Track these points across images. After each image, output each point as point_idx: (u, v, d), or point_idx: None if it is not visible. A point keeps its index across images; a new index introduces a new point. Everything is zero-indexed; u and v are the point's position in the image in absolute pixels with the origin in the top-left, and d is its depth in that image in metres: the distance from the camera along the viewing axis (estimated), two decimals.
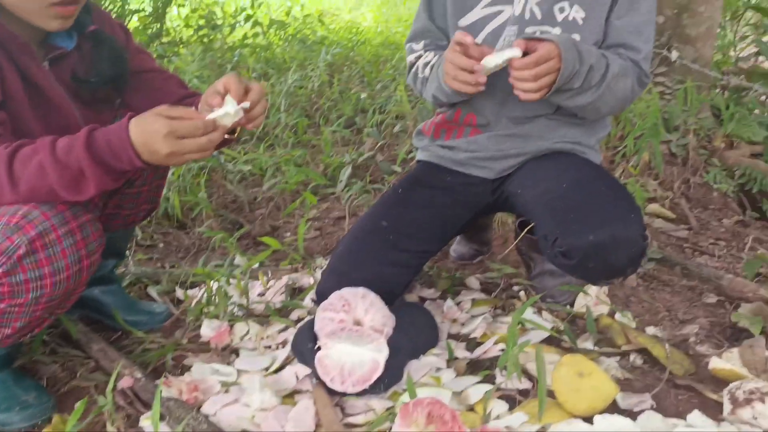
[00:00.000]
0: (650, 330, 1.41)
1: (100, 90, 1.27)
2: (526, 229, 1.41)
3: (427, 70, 1.38)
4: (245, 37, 5.09)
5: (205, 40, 4.95)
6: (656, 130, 2.22)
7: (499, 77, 1.27)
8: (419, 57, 1.43)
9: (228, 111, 1.06)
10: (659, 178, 2.34)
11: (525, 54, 1.16)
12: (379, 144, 2.79)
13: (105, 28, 1.30)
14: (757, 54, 3.17)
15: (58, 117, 1.19)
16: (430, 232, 1.41)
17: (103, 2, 4.69)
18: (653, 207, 2.16)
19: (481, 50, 1.19)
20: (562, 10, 1.32)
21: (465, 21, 1.37)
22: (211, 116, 1.05)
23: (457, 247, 1.86)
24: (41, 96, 1.15)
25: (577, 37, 1.30)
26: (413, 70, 1.44)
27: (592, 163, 1.40)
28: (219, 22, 5.05)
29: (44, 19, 1.09)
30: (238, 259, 1.82)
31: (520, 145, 1.41)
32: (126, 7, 4.75)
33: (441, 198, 1.44)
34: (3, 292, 1.02)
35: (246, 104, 1.09)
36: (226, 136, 1.15)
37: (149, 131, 0.99)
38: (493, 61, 1.16)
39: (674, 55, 2.56)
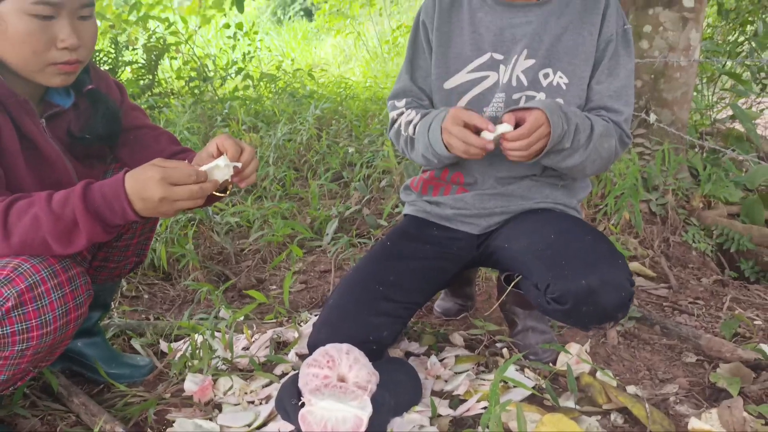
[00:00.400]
0: (631, 389, 1.43)
1: (94, 147, 1.30)
2: (513, 282, 1.44)
3: (411, 128, 1.43)
4: (236, 89, 5.19)
5: (196, 91, 5.05)
6: (636, 190, 2.29)
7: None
8: (401, 114, 1.48)
9: (218, 164, 1.10)
10: (639, 237, 2.39)
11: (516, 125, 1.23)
12: (365, 198, 2.83)
13: (102, 86, 1.34)
14: (733, 117, 3.30)
15: (51, 172, 1.21)
16: (417, 284, 1.44)
17: (96, 54, 4.77)
18: (634, 265, 2.20)
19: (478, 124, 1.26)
20: (546, 76, 1.38)
21: (449, 84, 1.43)
22: (203, 168, 1.08)
23: (441, 302, 1.88)
24: (37, 152, 1.18)
25: (561, 101, 1.36)
26: (395, 126, 1.49)
27: (573, 217, 1.46)
28: (210, 75, 5.15)
29: (47, 76, 1.13)
30: (223, 312, 1.82)
31: (505, 204, 1.46)
32: (119, 58, 4.84)
33: (428, 251, 1.47)
34: None
35: (238, 164, 1.13)
36: (217, 193, 1.19)
37: (143, 178, 1.02)
38: (490, 136, 1.23)
39: (652, 117, 2.66)
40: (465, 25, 1.43)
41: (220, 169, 1.11)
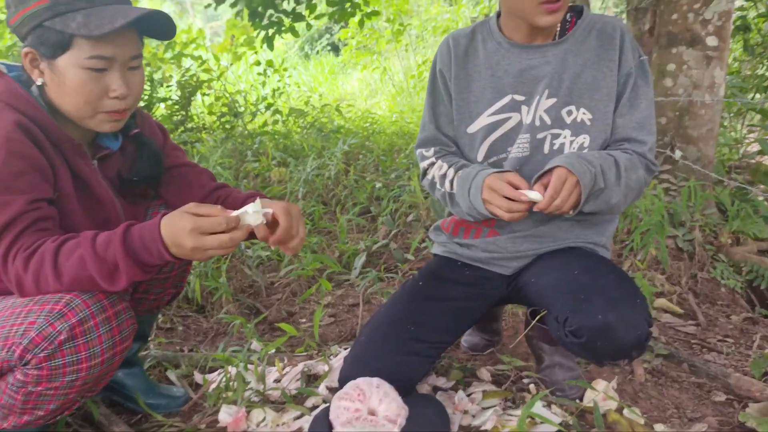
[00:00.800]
0: (658, 427, 1.43)
1: (139, 186, 1.39)
2: (538, 317, 1.46)
3: (447, 184, 1.47)
4: (265, 123, 5.32)
5: (227, 126, 5.19)
6: (662, 226, 2.30)
7: (521, 174, 1.38)
8: (432, 164, 1.52)
9: (247, 210, 1.13)
10: (666, 273, 2.39)
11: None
12: (392, 232, 2.88)
13: (146, 130, 1.43)
14: (761, 151, 3.29)
15: (101, 210, 1.29)
16: (448, 324, 1.47)
17: None
18: (661, 302, 2.20)
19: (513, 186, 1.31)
20: (569, 113, 1.41)
21: (472, 128, 1.46)
22: (234, 213, 1.13)
23: (468, 337, 1.91)
24: (88, 191, 1.26)
25: (586, 137, 1.40)
26: (429, 178, 1.53)
27: (600, 256, 1.48)
28: (241, 110, 5.30)
29: (98, 123, 1.22)
30: (255, 345, 1.87)
31: (536, 247, 1.48)
32: (154, 95, 5.02)
33: (459, 291, 1.50)
34: (41, 376, 1.08)
35: (269, 210, 1.16)
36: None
37: (177, 227, 1.07)
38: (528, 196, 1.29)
39: (677, 154, 2.68)
40: (482, 69, 1.46)
41: (249, 215, 1.13)
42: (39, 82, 1.19)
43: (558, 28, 1.43)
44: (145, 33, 1.25)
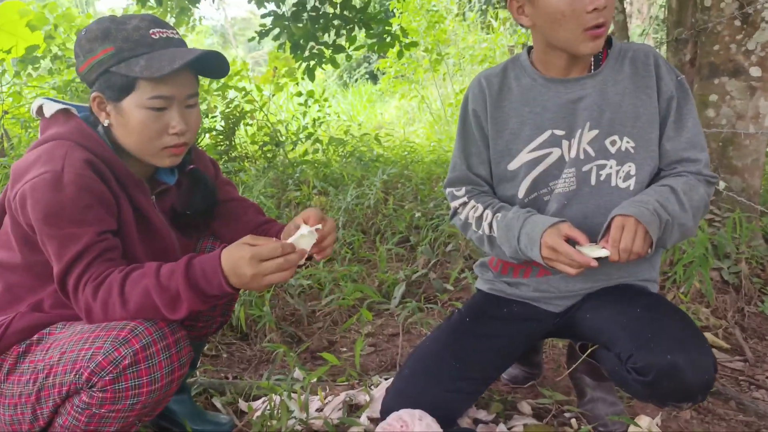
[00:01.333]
0: None
1: (194, 219, 1.46)
2: (589, 350, 1.45)
3: (486, 227, 1.45)
4: (305, 152, 5.43)
5: (269, 155, 5.32)
6: (705, 258, 2.27)
7: (569, 208, 1.40)
8: (465, 204, 1.51)
9: (303, 233, 1.22)
10: (711, 306, 2.35)
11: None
12: (432, 262, 2.90)
13: (200, 165, 1.51)
14: None
15: (159, 242, 1.36)
16: (493, 362, 1.47)
17: None
18: (706, 336, 2.16)
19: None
20: (613, 143, 1.40)
21: (513, 165, 1.46)
22: (289, 240, 1.20)
23: (509, 369, 1.90)
24: (147, 224, 1.34)
25: (632, 165, 1.39)
26: (462, 218, 1.51)
27: (658, 295, 1.47)
28: (282, 140, 5.43)
29: (159, 158, 1.31)
30: (298, 373, 1.91)
31: (589, 285, 1.46)
32: (200, 126, 5.18)
33: (506, 329, 1.50)
34: (106, 398, 1.14)
35: (319, 226, 1.26)
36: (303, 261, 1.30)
37: (236, 257, 1.14)
38: (592, 253, 1.29)
39: (721, 185, 2.64)
40: (519, 106, 1.45)
41: (305, 237, 1.22)
42: (106, 123, 1.29)
43: (592, 60, 1.44)
44: (200, 72, 1.33)
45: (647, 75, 1.39)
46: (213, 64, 1.32)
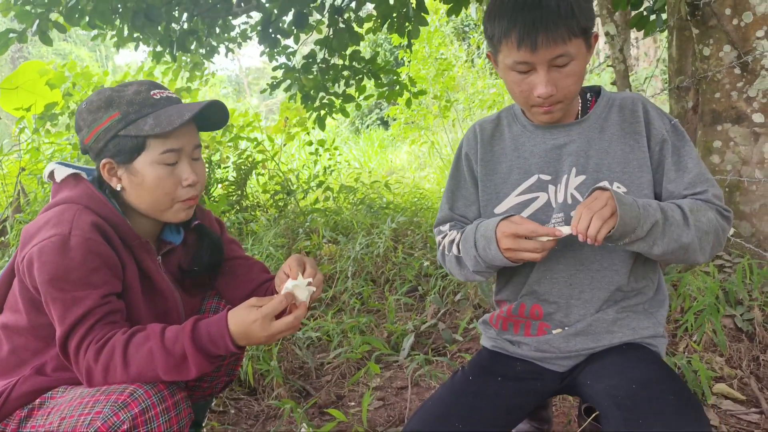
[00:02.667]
0: None
1: (199, 277, 1.48)
2: (591, 417, 1.43)
3: (454, 248, 1.47)
4: (316, 200, 5.49)
5: (280, 203, 5.38)
6: (716, 306, 2.24)
7: (562, 255, 1.39)
8: (445, 236, 1.54)
9: (297, 284, 1.27)
10: (725, 355, 2.31)
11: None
12: (441, 311, 2.89)
13: (206, 222, 1.54)
14: None
15: (162, 302, 1.39)
16: (498, 421, 1.42)
17: None
18: (720, 387, 2.12)
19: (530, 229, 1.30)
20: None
21: (500, 209, 1.47)
22: (285, 290, 1.26)
23: (518, 424, 1.87)
24: (152, 285, 1.36)
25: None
26: (440, 249, 1.54)
27: (660, 361, 1.41)
28: (293, 188, 5.49)
29: (173, 213, 1.35)
30: (305, 430, 1.89)
31: (592, 345, 1.44)
32: (212, 176, 5.27)
33: (510, 387, 1.47)
34: None
35: (309, 279, 1.30)
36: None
37: (247, 322, 1.19)
38: (546, 239, 1.27)
39: (730, 231, 2.63)
40: (509, 151, 1.48)
41: (300, 290, 1.27)
42: (118, 188, 1.33)
43: (579, 107, 1.46)
44: (202, 126, 1.39)
45: (635, 121, 1.40)
46: (214, 116, 1.38)
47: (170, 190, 1.31)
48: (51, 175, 1.39)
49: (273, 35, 4.83)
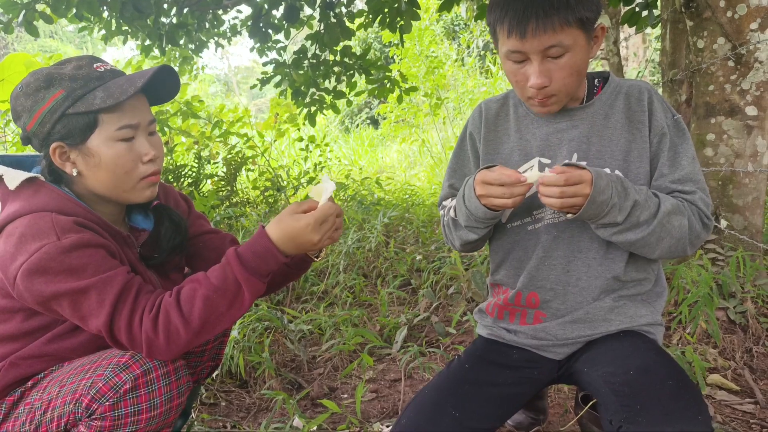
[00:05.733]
0: None
1: (167, 258, 1.42)
2: (589, 404, 1.41)
3: (452, 212, 1.47)
4: (307, 197, 5.44)
5: (270, 200, 5.34)
6: (710, 298, 2.23)
7: (561, 241, 1.38)
8: (448, 210, 1.52)
9: (326, 187, 1.27)
10: (719, 347, 2.31)
11: None
12: (433, 305, 2.87)
13: (170, 201, 1.49)
14: None
15: None
16: (494, 411, 1.40)
17: (182, 169, 5.16)
18: (714, 377, 2.11)
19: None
20: None
21: None
22: (321, 198, 1.26)
23: (514, 413, 1.85)
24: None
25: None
26: (444, 222, 1.53)
27: (658, 348, 1.39)
28: (284, 184, 5.46)
29: (138, 192, 1.28)
30: (297, 421, 1.86)
31: (588, 333, 1.42)
32: (201, 171, 5.22)
33: (506, 376, 1.45)
34: (104, 427, 1.12)
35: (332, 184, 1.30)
36: (313, 257, 1.39)
37: (297, 228, 1.19)
38: (531, 178, 1.26)
39: (723, 224, 2.63)
40: (512, 132, 1.47)
41: (328, 190, 1.26)
42: (74, 173, 1.23)
43: (585, 93, 1.44)
44: (153, 100, 1.32)
45: (640, 110, 1.39)
46: (164, 87, 1.31)
47: (130, 168, 1.23)
48: None
49: (264, 29, 4.78)
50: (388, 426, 1.82)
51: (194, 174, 5.19)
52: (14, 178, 1.21)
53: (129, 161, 1.23)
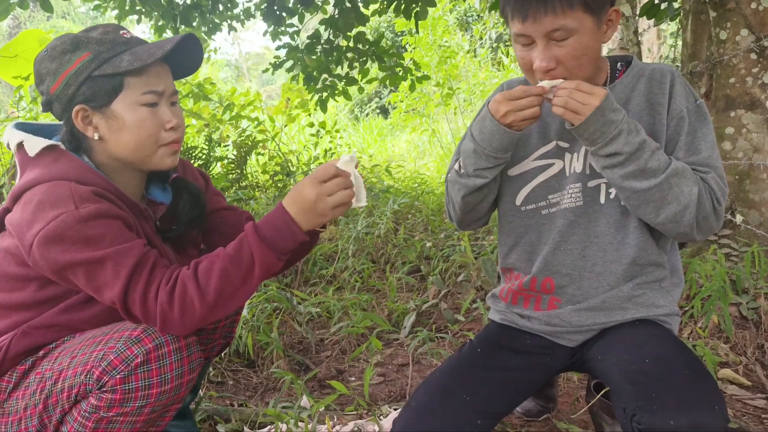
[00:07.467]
0: None
1: (186, 233, 1.42)
2: (602, 392, 1.39)
3: (456, 165, 1.43)
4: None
5: (279, 185, 5.32)
6: (723, 293, 2.21)
7: (577, 226, 1.36)
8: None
9: (345, 160, 1.18)
10: (731, 342, 2.29)
11: None
12: (442, 292, 2.86)
13: (188, 176, 1.48)
14: None
15: None
16: (506, 397, 1.39)
17: (192, 151, 5.16)
18: (726, 372, 2.09)
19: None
20: None
21: (514, 171, 1.44)
22: (339, 164, 1.18)
23: (522, 402, 1.84)
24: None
25: None
26: (448, 176, 1.49)
27: (674, 338, 1.37)
28: (293, 170, 5.44)
29: (159, 158, 1.27)
30: (305, 401, 1.86)
31: (603, 320, 1.40)
32: (212, 154, 5.21)
33: (518, 361, 1.43)
34: (115, 399, 1.12)
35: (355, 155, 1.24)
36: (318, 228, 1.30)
37: (297, 191, 1.16)
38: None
39: (738, 219, 2.60)
40: None
41: (347, 163, 1.18)
42: (96, 137, 1.23)
43: (608, 76, 1.41)
44: (176, 73, 1.31)
45: (660, 93, 1.35)
46: (189, 58, 1.30)
47: (153, 132, 1.22)
48: (13, 144, 1.24)
49: (278, 13, 4.76)
50: (395, 409, 1.81)
51: (204, 156, 5.18)
52: (35, 144, 1.21)
53: (152, 126, 1.23)
